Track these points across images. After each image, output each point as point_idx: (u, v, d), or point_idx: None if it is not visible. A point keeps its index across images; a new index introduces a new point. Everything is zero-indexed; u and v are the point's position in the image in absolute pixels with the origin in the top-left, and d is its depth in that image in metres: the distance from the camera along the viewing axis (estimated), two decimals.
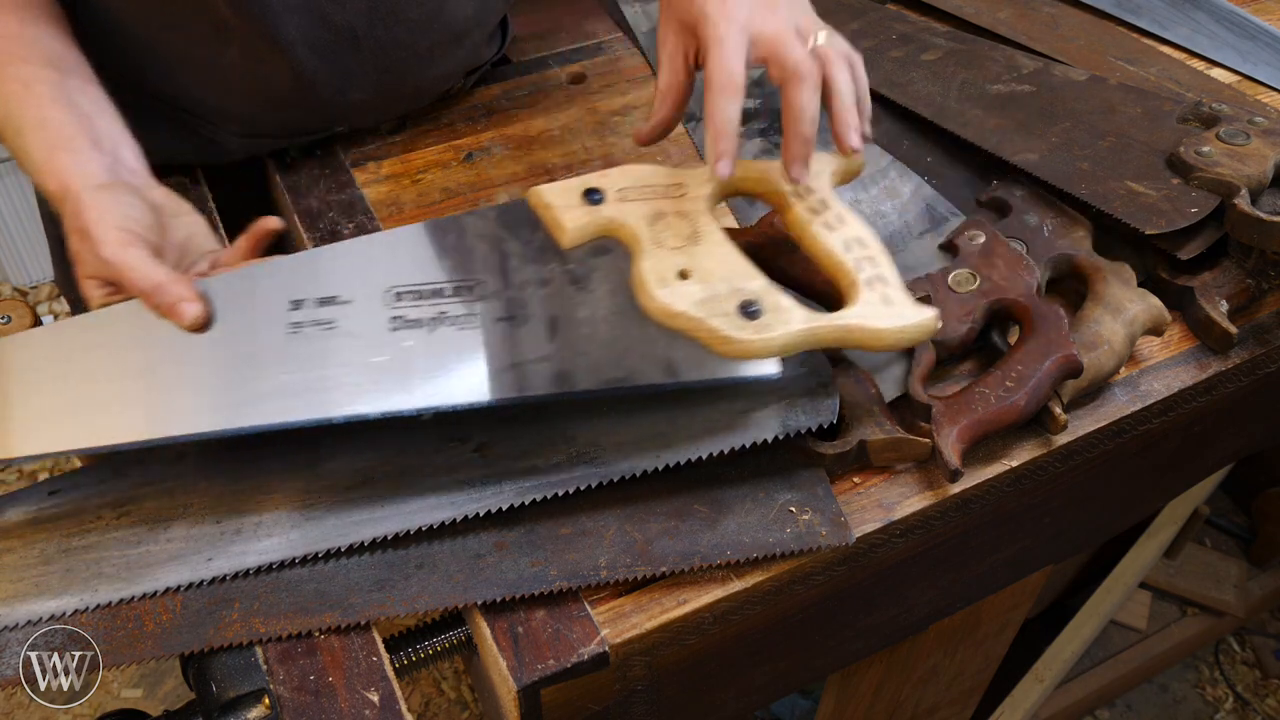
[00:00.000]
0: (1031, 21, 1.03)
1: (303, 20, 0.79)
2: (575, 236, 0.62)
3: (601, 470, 0.60)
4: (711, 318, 0.57)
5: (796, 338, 0.57)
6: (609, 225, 0.62)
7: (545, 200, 0.63)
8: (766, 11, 0.64)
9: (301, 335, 0.60)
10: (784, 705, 1.60)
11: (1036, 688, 1.56)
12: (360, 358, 0.59)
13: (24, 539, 0.61)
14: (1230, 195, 0.72)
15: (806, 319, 0.58)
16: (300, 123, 0.89)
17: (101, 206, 0.62)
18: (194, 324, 0.59)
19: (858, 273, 0.60)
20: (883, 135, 0.90)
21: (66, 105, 0.67)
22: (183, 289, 0.59)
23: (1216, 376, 0.72)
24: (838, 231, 0.62)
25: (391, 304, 0.61)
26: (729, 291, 0.58)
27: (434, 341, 0.60)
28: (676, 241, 0.60)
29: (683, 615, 0.58)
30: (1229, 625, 1.81)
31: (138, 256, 0.60)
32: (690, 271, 0.59)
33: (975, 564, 0.77)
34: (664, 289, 0.58)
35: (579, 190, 0.63)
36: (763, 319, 0.57)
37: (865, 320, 0.58)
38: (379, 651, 0.57)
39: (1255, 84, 0.96)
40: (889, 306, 0.59)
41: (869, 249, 0.62)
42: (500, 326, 0.60)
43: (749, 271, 0.60)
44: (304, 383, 0.59)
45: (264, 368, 0.59)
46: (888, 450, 0.63)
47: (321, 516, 0.60)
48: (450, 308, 0.61)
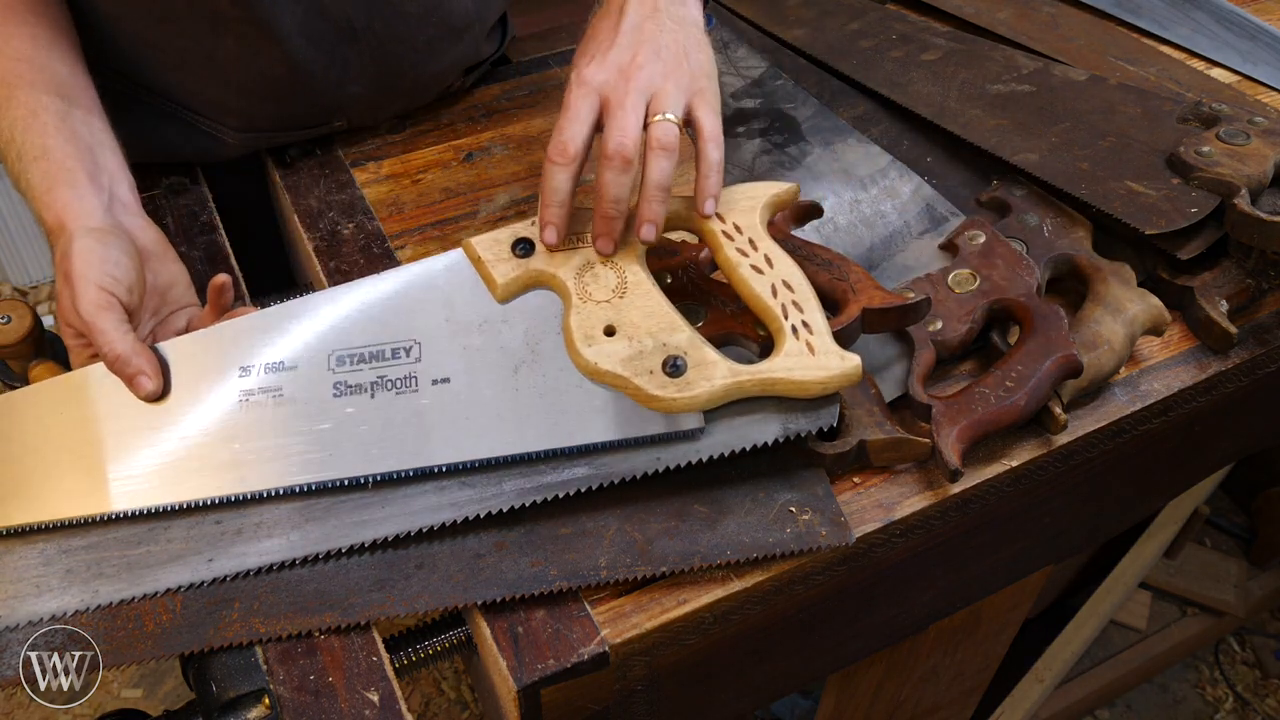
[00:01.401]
0: (1031, 21, 1.03)
1: (299, 11, 0.79)
2: (506, 291, 0.63)
3: (601, 470, 0.60)
4: (636, 376, 0.59)
5: (719, 392, 0.59)
6: (539, 277, 0.63)
7: (477, 254, 0.64)
8: (620, 78, 0.64)
9: (252, 404, 0.62)
10: (784, 705, 1.60)
11: (1036, 688, 1.56)
12: (307, 425, 0.61)
13: (24, 539, 0.61)
14: (1230, 195, 0.72)
15: (730, 373, 0.59)
16: (298, 116, 0.89)
17: (88, 258, 0.63)
18: (148, 397, 0.62)
19: (783, 319, 0.60)
20: (883, 135, 0.90)
21: (70, 137, 0.68)
22: (142, 362, 0.62)
23: (1216, 376, 0.72)
24: (766, 275, 0.62)
25: (334, 368, 0.62)
26: (654, 347, 0.60)
27: (374, 407, 0.61)
28: (603, 295, 0.62)
29: (683, 615, 0.58)
30: (1229, 625, 1.81)
31: (110, 322, 0.62)
32: (616, 327, 0.61)
33: (975, 564, 0.77)
34: (590, 348, 0.60)
35: (508, 243, 0.64)
36: (687, 375, 0.59)
37: (790, 372, 0.59)
38: (379, 651, 0.57)
39: (1255, 84, 0.96)
40: (813, 356, 0.59)
41: (795, 293, 0.61)
42: (437, 389, 0.61)
43: (675, 323, 0.61)
44: (256, 452, 0.61)
45: (218, 440, 0.62)
46: (888, 450, 0.63)
47: (321, 516, 0.60)
48: (389, 371, 0.62)
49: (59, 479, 0.62)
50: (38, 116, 0.68)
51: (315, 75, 0.83)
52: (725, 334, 0.64)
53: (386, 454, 0.61)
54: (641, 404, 0.59)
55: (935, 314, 0.69)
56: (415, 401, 0.61)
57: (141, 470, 0.61)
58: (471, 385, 0.62)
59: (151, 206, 0.86)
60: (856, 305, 0.64)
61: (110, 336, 0.62)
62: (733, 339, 0.64)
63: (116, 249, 0.65)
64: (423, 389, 0.62)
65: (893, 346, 0.69)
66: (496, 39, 1.01)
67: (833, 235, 0.79)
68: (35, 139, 0.68)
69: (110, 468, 0.62)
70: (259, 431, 0.62)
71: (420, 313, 0.63)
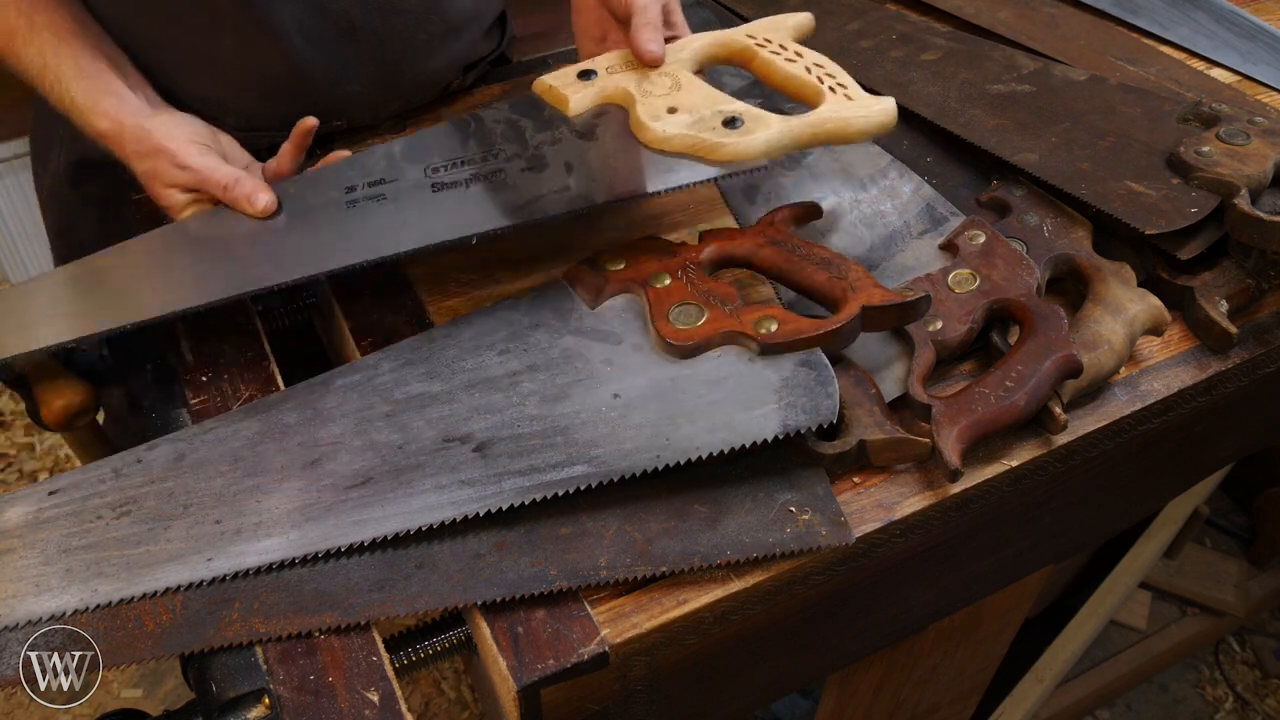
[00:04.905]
0: (1031, 21, 1.03)
1: (298, 9, 0.79)
2: (578, 105, 0.75)
3: (601, 470, 0.60)
4: (701, 133, 0.70)
5: (775, 136, 0.70)
6: (605, 92, 0.75)
7: (548, 84, 0.76)
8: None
9: (357, 208, 0.72)
10: (784, 705, 1.60)
11: (1036, 688, 1.56)
12: (407, 214, 0.71)
13: (24, 539, 0.61)
14: (1230, 195, 0.72)
15: (783, 121, 0.70)
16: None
17: (167, 127, 0.74)
18: (265, 210, 0.71)
19: (820, 84, 0.73)
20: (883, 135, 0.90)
21: (97, 54, 0.76)
22: (256, 182, 0.72)
23: (1216, 376, 0.72)
24: (799, 62, 0.76)
25: (430, 176, 0.73)
26: (712, 114, 0.71)
27: (470, 194, 0.72)
28: (662, 90, 0.74)
29: (683, 615, 0.58)
30: (1229, 625, 1.81)
31: (214, 159, 0.73)
32: (678, 107, 0.72)
33: (975, 564, 0.77)
34: (658, 122, 0.71)
35: (574, 73, 0.76)
36: (745, 126, 0.70)
37: (835, 113, 0.71)
38: (379, 651, 0.57)
39: (1255, 84, 0.96)
40: (852, 102, 0.72)
41: (827, 67, 0.75)
42: (525, 175, 0.72)
43: (728, 99, 0.72)
44: (362, 232, 0.70)
45: (325, 226, 0.71)
46: (888, 450, 0.63)
47: (321, 516, 0.60)
48: (480, 169, 0.73)
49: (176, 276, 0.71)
50: (65, 41, 0.75)
51: (314, 74, 0.84)
52: (725, 333, 0.64)
53: (477, 217, 0.70)
54: (708, 156, 0.70)
55: (935, 314, 0.69)
56: (505, 183, 0.72)
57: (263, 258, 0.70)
58: (552, 169, 0.72)
59: (152, 206, 0.86)
60: (856, 303, 0.64)
61: (221, 170, 0.72)
62: (733, 338, 0.64)
63: (185, 120, 0.76)
64: (511, 175, 0.73)
65: (893, 346, 0.69)
66: (495, 37, 1.01)
67: (833, 235, 0.79)
68: (68, 62, 0.75)
69: (242, 255, 0.71)
70: (366, 221, 0.71)
71: (501, 133, 0.75)
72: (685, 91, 0.73)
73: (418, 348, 0.68)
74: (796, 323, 0.63)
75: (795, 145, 0.71)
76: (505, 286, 0.78)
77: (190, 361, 0.73)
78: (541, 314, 0.69)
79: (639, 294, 0.68)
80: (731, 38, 0.78)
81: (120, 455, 0.65)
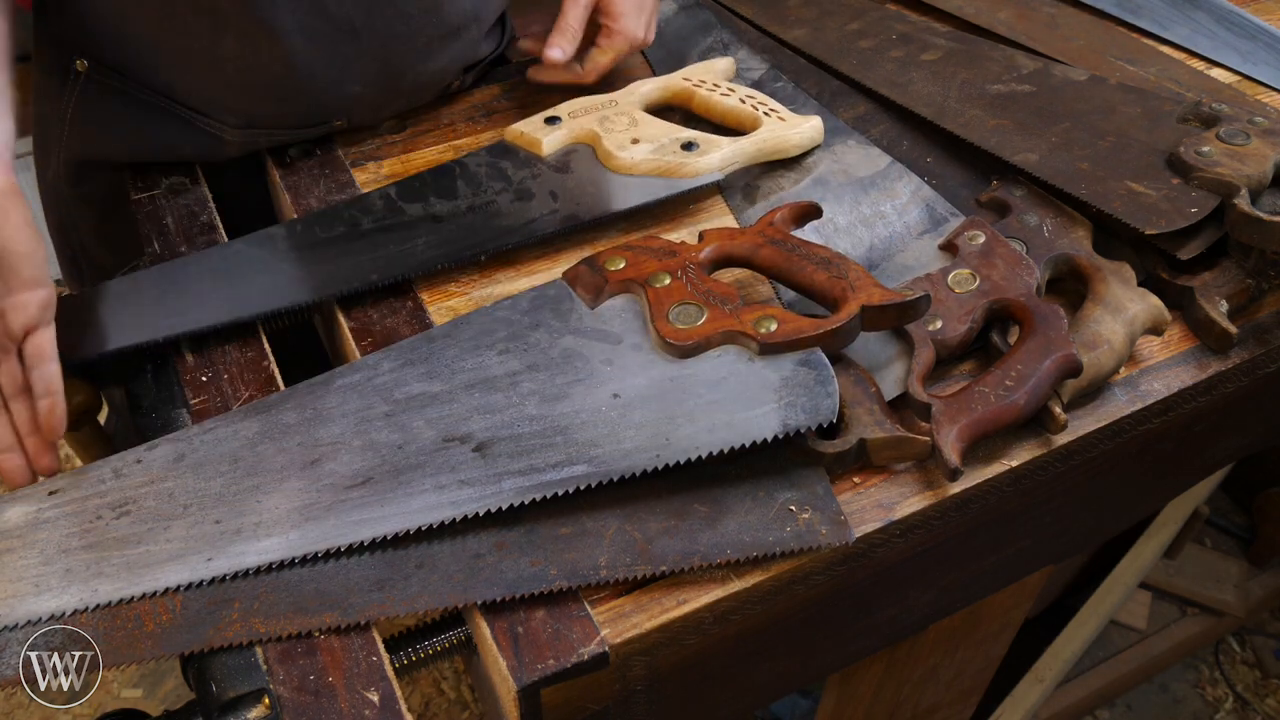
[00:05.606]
0: (1031, 21, 1.03)
1: (299, 9, 0.79)
2: (550, 146, 0.86)
3: (601, 470, 0.60)
4: (665, 156, 0.83)
5: (729, 154, 0.84)
6: (573, 133, 0.87)
7: (519, 131, 0.87)
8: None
9: (367, 238, 0.79)
10: (784, 705, 1.60)
11: (1036, 688, 1.56)
12: (415, 242, 0.79)
13: (24, 539, 0.61)
14: (1230, 195, 0.72)
15: (732, 142, 0.84)
16: (298, 116, 0.89)
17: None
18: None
19: (755, 110, 0.87)
20: (883, 135, 0.90)
21: None
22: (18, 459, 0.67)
23: (1216, 376, 0.72)
24: (732, 96, 0.90)
25: (429, 209, 0.81)
26: (671, 140, 0.84)
27: (469, 222, 0.80)
28: (622, 127, 0.86)
29: (683, 615, 0.58)
30: (1229, 625, 1.81)
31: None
32: (640, 139, 0.85)
33: (975, 564, 0.77)
34: (624, 151, 0.83)
35: (541, 120, 0.87)
36: (700, 148, 0.83)
37: (772, 133, 0.85)
38: (379, 651, 0.57)
39: (1255, 84, 0.96)
40: (785, 122, 0.86)
41: (758, 97, 0.89)
42: (515, 204, 0.82)
43: (681, 128, 0.86)
44: (375, 253, 0.78)
45: (340, 256, 0.78)
46: (888, 449, 0.63)
47: (321, 516, 0.60)
48: (474, 202, 0.82)
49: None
50: None
51: (315, 74, 0.84)
52: (725, 333, 0.64)
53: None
54: (673, 174, 0.82)
55: (935, 313, 0.69)
56: (499, 209, 0.83)
57: None
58: (539, 196, 0.83)
59: (152, 206, 0.86)
60: (855, 302, 0.64)
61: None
62: (733, 338, 0.64)
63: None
64: (502, 203, 0.82)
65: (892, 346, 0.69)
66: (496, 38, 1.01)
67: (833, 235, 0.79)
68: None
69: None
70: None
71: (485, 175, 0.84)
72: (643, 126, 0.86)
73: (418, 348, 0.69)
74: (796, 322, 0.63)
75: (744, 161, 0.85)
76: (505, 286, 0.78)
77: (190, 361, 0.73)
78: (541, 314, 0.69)
79: (639, 294, 0.68)
80: (672, 81, 0.92)
81: (120, 455, 0.65)
